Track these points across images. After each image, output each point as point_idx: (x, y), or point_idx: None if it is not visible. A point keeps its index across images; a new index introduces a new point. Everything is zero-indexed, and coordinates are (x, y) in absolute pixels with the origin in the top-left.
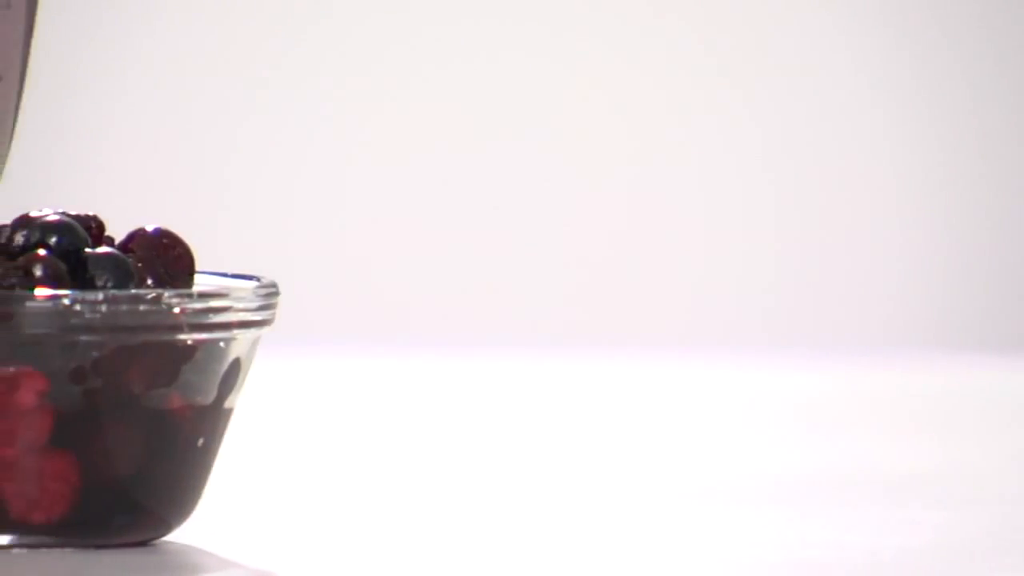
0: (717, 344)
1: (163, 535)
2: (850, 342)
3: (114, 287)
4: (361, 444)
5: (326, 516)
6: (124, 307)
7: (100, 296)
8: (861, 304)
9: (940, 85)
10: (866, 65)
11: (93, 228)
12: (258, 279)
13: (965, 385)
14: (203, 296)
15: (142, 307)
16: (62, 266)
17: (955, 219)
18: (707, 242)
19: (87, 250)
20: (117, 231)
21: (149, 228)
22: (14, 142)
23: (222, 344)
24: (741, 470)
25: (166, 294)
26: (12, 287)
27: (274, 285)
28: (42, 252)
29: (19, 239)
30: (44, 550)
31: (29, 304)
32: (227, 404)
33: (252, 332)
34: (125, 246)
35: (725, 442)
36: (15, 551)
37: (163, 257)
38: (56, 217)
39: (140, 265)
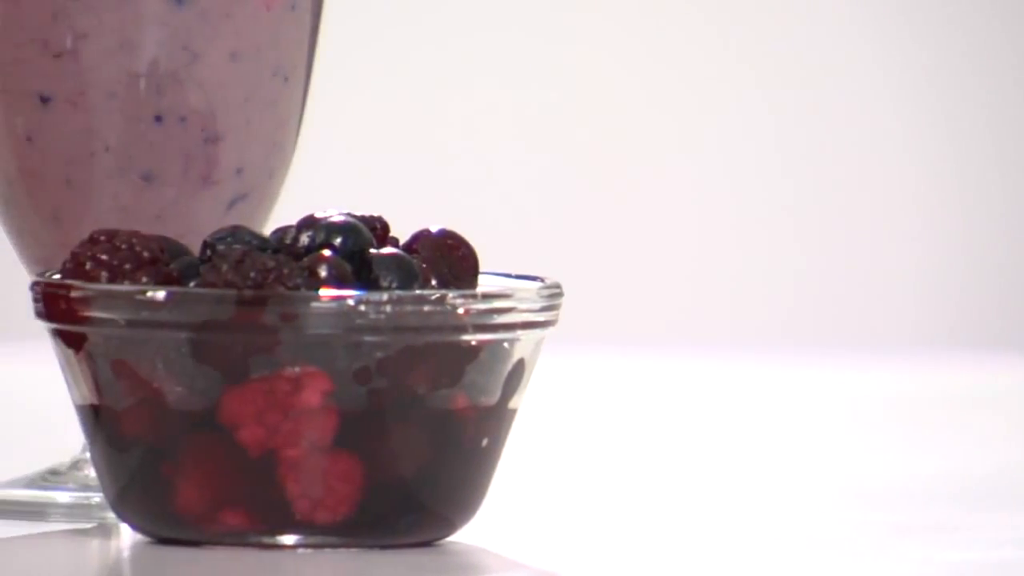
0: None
1: (447, 535)
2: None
3: (398, 288)
4: (642, 446)
5: (609, 517)
6: (408, 308)
7: (385, 297)
8: (952, 305)
9: (961, 87)
10: (886, 67)
11: (378, 229)
12: (542, 280)
13: None
14: (487, 297)
15: (426, 308)
16: (347, 267)
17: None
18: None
19: (372, 251)
20: (402, 232)
21: (433, 229)
22: (299, 142)
23: (506, 345)
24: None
25: (450, 295)
26: (297, 288)
27: (558, 286)
28: (327, 253)
29: (304, 240)
30: (328, 550)
31: (314, 305)
32: (511, 405)
33: (536, 333)
34: (410, 247)
35: (889, 445)
36: (300, 551)
37: (447, 258)
38: (341, 218)
39: (424, 266)
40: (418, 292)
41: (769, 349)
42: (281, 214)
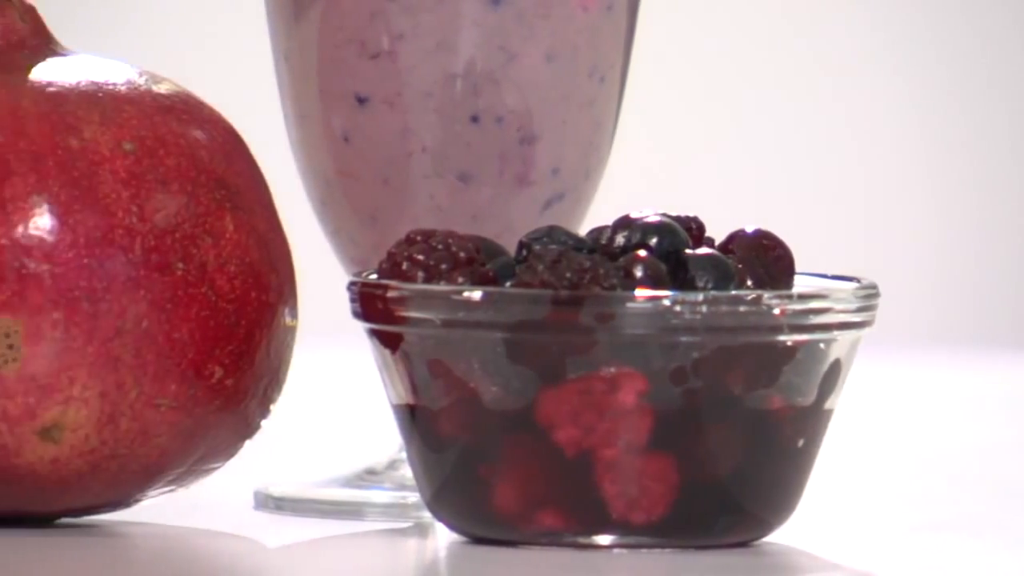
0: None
1: (763, 536)
2: None
3: (714, 288)
4: (960, 449)
5: (925, 520)
6: (724, 308)
7: (700, 297)
8: None
9: (977, 86)
10: (896, 66)
11: (693, 229)
12: (858, 280)
13: None
14: (803, 297)
15: (742, 308)
16: (662, 267)
17: None
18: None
19: (687, 251)
20: (717, 232)
21: (749, 229)
22: (615, 143)
23: (822, 345)
24: None
25: (766, 295)
26: (613, 288)
27: (874, 286)
28: (643, 253)
29: (620, 240)
30: (644, 551)
31: (630, 305)
32: (827, 405)
33: (852, 333)
34: (725, 247)
35: None
36: (615, 551)
37: (763, 258)
38: (657, 218)
39: (740, 266)
40: (734, 292)
41: None
42: (597, 214)
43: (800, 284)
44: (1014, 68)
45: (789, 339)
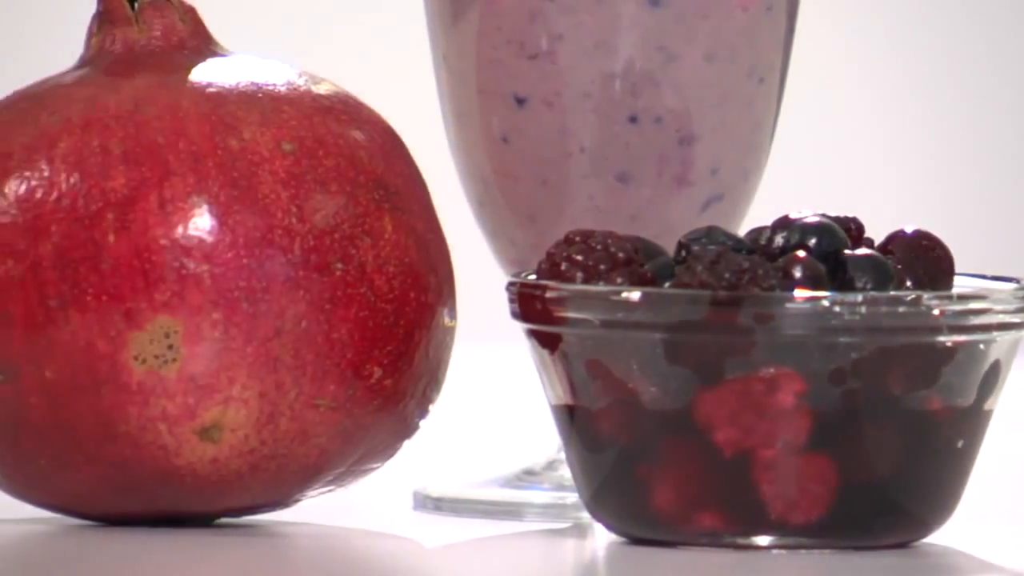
0: None
1: (922, 537)
2: None
3: (873, 289)
4: None
5: None
6: (883, 309)
7: (859, 298)
8: None
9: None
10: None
11: (853, 230)
12: (1018, 281)
13: None
14: (962, 298)
15: (901, 309)
16: (821, 268)
17: None
18: None
19: (846, 252)
20: (876, 232)
21: (908, 230)
22: (774, 143)
23: (981, 346)
24: None
25: (925, 296)
26: (772, 289)
27: None
28: (802, 254)
29: (779, 240)
30: (802, 551)
31: (789, 306)
32: (986, 406)
33: (1012, 334)
34: (884, 248)
35: None
36: (774, 552)
37: (923, 259)
38: (816, 219)
39: (899, 267)
40: (893, 293)
41: None
42: (756, 215)
43: (959, 285)
44: None
45: (948, 340)
